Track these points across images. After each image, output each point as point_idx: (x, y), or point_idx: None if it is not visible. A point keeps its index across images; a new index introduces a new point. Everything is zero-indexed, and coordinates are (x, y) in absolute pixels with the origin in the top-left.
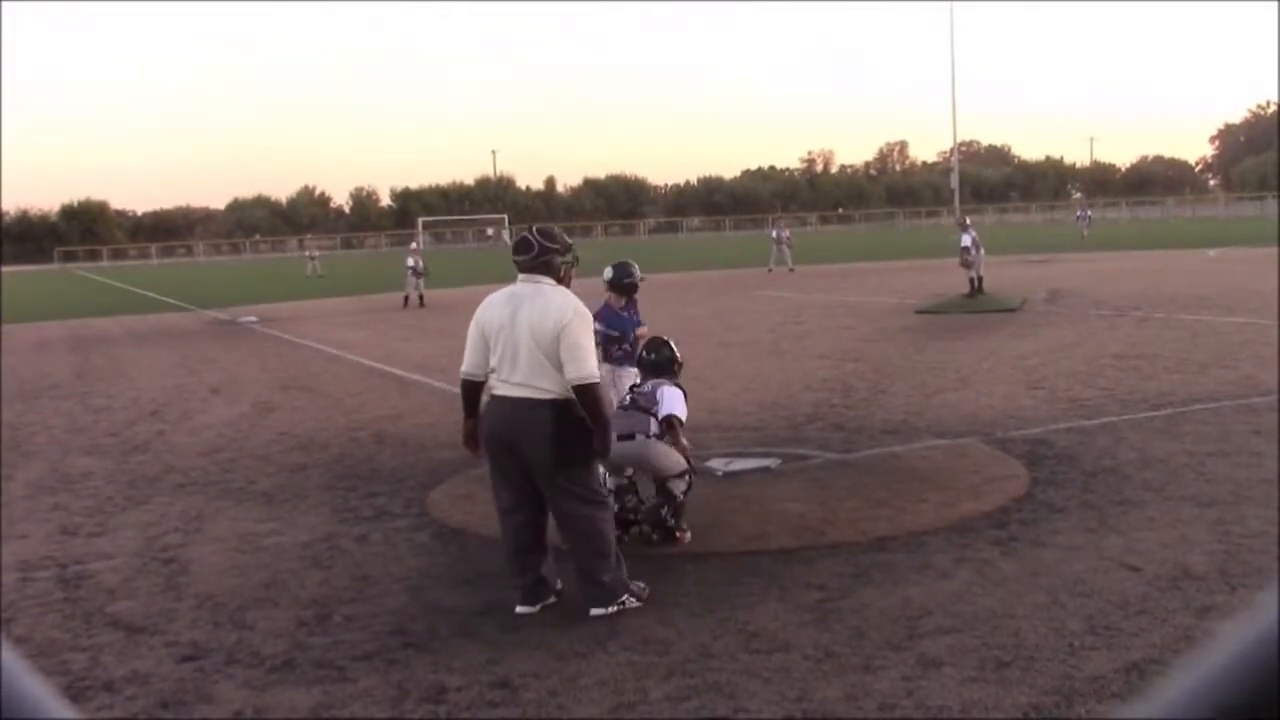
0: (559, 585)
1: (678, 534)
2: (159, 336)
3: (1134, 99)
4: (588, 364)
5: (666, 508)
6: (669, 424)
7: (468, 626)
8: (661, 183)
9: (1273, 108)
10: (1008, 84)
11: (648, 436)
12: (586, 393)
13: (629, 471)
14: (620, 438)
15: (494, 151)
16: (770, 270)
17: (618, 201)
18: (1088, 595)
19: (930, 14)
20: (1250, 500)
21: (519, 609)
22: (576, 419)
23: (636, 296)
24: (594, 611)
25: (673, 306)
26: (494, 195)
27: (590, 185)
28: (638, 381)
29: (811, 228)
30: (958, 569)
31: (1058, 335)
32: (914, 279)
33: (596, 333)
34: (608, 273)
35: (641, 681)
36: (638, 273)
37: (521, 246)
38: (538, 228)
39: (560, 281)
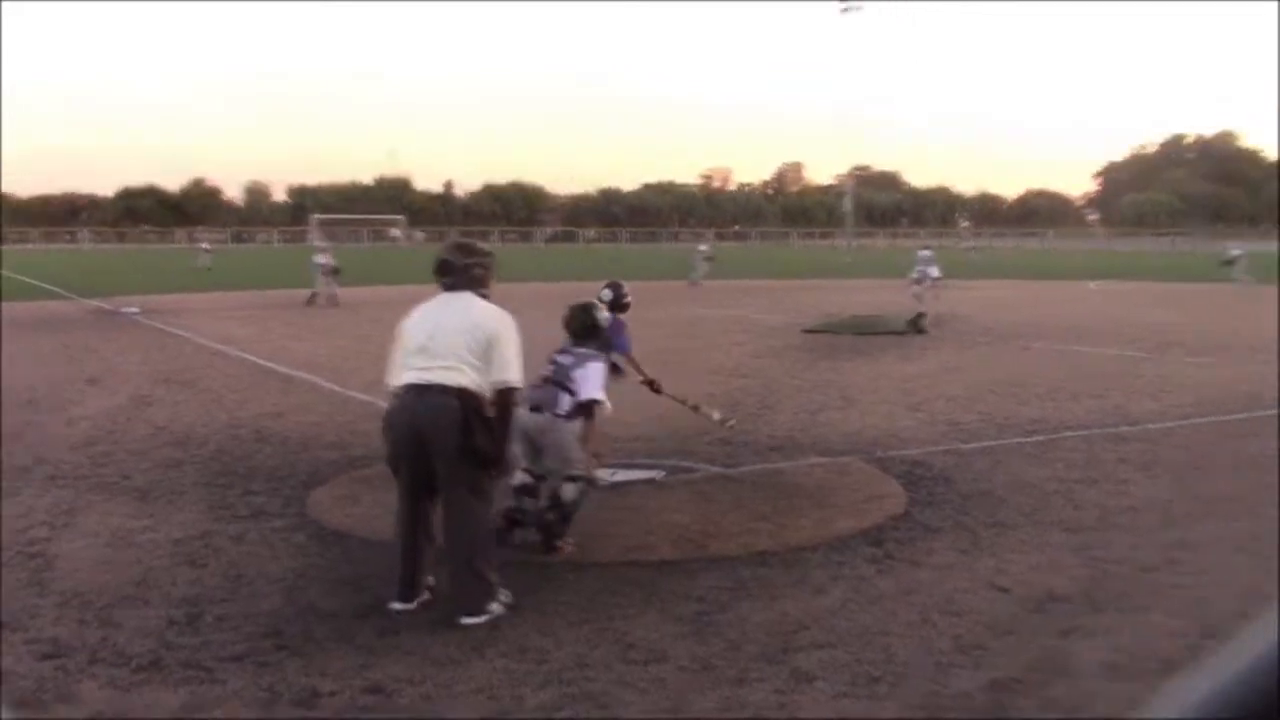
0: (432, 583)
1: (558, 544)
2: (38, 324)
3: (1022, 134)
4: (513, 370)
5: (554, 513)
6: (588, 410)
7: (343, 630)
8: (560, 192)
9: (1153, 148)
10: (902, 111)
11: (556, 415)
12: (504, 396)
13: (530, 467)
14: (531, 408)
15: (393, 152)
16: (692, 283)
17: (515, 208)
18: (958, 614)
19: (829, 41)
20: (1115, 526)
21: (395, 605)
22: (484, 416)
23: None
24: (465, 620)
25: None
26: (392, 196)
27: (489, 191)
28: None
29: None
30: (834, 585)
31: (941, 359)
32: (807, 298)
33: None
34: (606, 294)
35: (517, 689)
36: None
37: (443, 269)
38: (455, 245)
39: (483, 287)
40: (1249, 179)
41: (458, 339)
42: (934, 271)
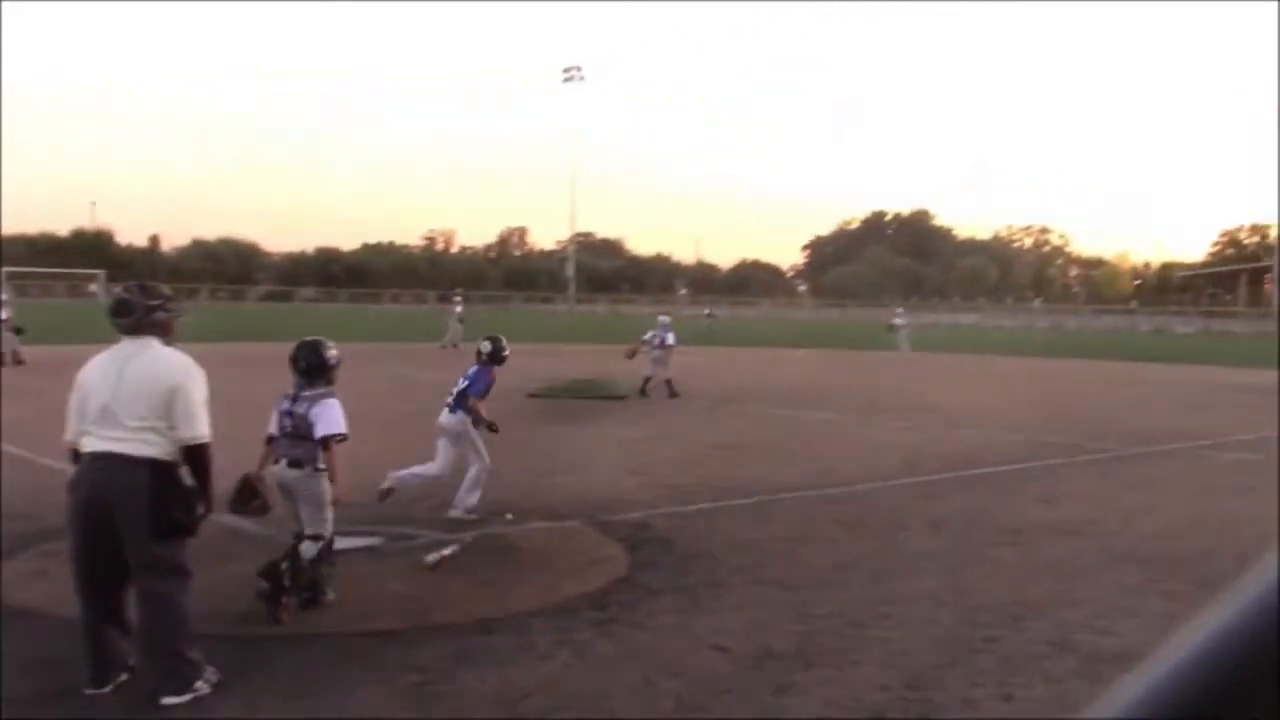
0: (131, 663)
1: (281, 602)
2: None
3: (736, 205)
4: (200, 424)
5: (288, 568)
6: (326, 445)
7: (30, 717)
8: (276, 250)
9: (855, 224)
10: (624, 180)
11: (316, 468)
12: (197, 454)
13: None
14: (290, 464)
15: (93, 203)
16: (444, 346)
17: (228, 265)
18: (679, 675)
19: (553, 107)
20: (827, 583)
21: (88, 690)
22: (178, 483)
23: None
24: (167, 700)
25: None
26: (90, 248)
27: (199, 246)
28: (292, 395)
29: (429, 306)
30: (558, 650)
31: (661, 423)
32: (529, 362)
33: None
34: (486, 346)
35: None
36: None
37: (121, 309)
38: (136, 285)
39: (166, 334)
40: (941, 254)
41: (140, 401)
42: (669, 339)
